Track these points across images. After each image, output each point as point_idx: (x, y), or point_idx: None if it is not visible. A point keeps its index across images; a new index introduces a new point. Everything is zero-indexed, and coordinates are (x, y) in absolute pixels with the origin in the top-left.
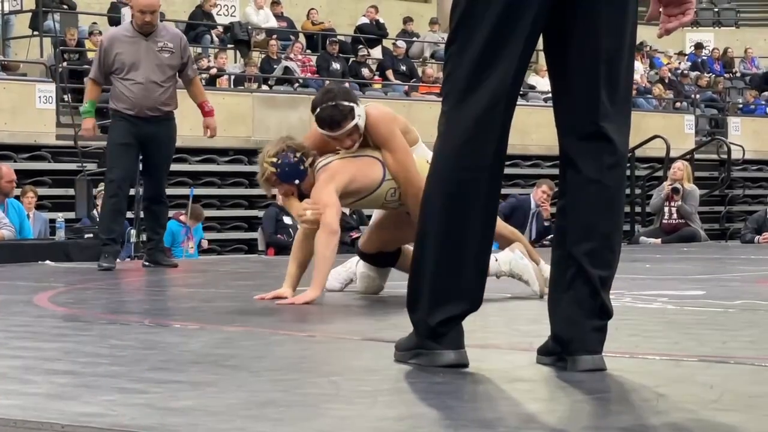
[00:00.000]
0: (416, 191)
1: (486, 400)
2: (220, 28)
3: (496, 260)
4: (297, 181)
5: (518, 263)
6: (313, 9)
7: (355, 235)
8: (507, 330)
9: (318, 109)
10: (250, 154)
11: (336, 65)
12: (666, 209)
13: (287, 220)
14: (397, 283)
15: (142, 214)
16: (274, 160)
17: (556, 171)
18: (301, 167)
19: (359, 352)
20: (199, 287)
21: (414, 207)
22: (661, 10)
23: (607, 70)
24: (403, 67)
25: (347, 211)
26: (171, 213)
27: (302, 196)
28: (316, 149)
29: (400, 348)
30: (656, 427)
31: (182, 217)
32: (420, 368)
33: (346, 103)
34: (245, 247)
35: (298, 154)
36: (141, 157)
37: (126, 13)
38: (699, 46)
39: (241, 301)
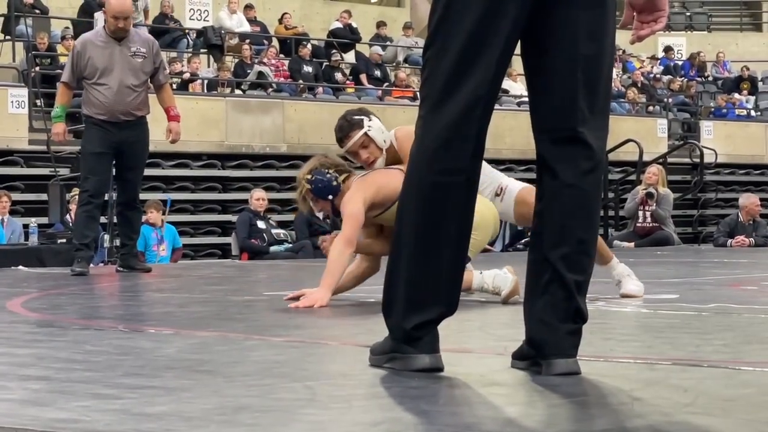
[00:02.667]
0: None
1: (462, 405)
2: (193, 33)
3: (481, 273)
4: (330, 197)
5: (502, 277)
6: (286, 13)
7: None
8: (482, 334)
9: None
10: (224, 158)
11: (308, 69)
12: (640, 213)
13: (261, 224)
14: (372, 287)
15: (115, 219)
16: (309, 177)
17: (529, 175)
18: (334, 183)
19: (334, 357)
20: (173, 292)
21: None
22: (634, 15)
23: (586, 75)
24: (377, 72)
25: (320, 215)
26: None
27: (336, 212)
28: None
29: (375, 352)
30: (633, 429)
31: (152, 215)
32: (395, 373)
33: (356, 117)
34: (219, 252)
35: (331, 171)
36: (114, 162)
37: (99, 18)
38: (668, 49)
39: (215, 305)
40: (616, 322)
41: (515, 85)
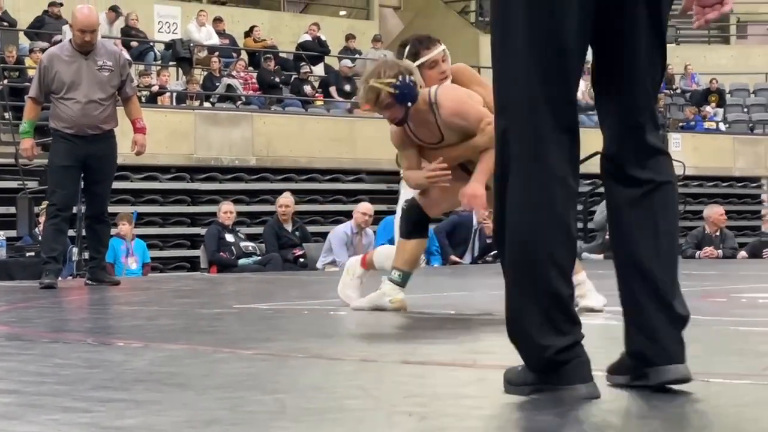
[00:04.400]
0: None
1: (432, 418)
2: (162, 45)
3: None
4: (410, 104)
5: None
6: (255, 26)
7: (297, 252)
8: (451, 346)
9: (409, 42)
10: (193, 171)
11: (276, 79)
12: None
13: (229, 237)
14: (337, 300)
15: (84, 233)
16: (394, 81)
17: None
18: (416, 90)
19: (305, 370)
20: (142, 305)
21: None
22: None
23: (650, 74)
24: (346, 85)
25: (288, 227)
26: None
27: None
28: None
29: (513, 382)
30: None
31: (123, 228)
32: (365, 386)
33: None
34: (188, 265)
35: (413, 78)
36: (82, 175)
37: (67, 30)
38: None
39: (184, 318)
40: (585, 334)
41: None
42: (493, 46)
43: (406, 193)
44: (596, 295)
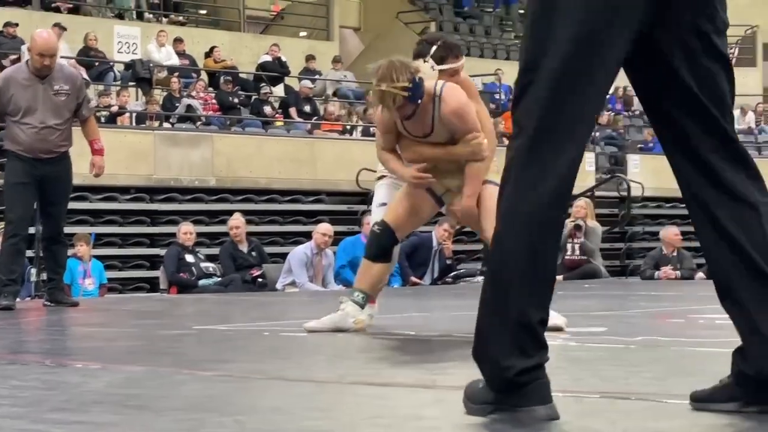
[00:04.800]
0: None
1: None
2: (121, 66)
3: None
4: (419, 101)
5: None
6: (215, 47)
7: (255, 272)
8: (411, 367)
9: (438, 47)
10: (152, 192)
11: (235, 100)
12: (569, 246)
13: (189, 258)
14: (297, 321)
15: (42, 253)
16: (408, 84)
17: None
18: (423, 88)
19: (264, 391)
20: (101, 326)
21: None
22: None
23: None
24: (306, 105)
25: (245, 248)
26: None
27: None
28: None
29: (474, 401)
30: None
31: (81, 249)
32: (324, 408)
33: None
34: (147, 286)
35: (421, 76)
36: (39, 196)
37: (25, 52)
38: None
39: (144, 339)
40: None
41: None
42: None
43: (379, 197)
44: (558, 315)
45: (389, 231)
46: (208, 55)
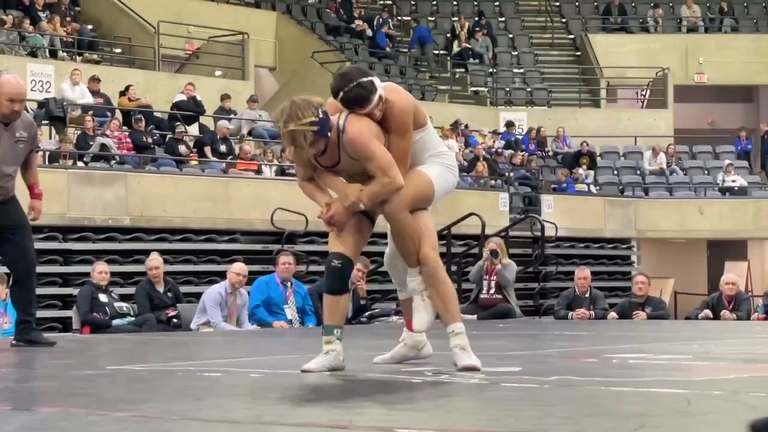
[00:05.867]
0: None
1: None
2: (35, 104)
3: None
4: (329, 134)
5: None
6: (130, 85)
7: (171, 312)
8: (327, 407)
9: (342, 93)
10: (66, 231)
11: (149, 139)
12: (485, 283)
13: (103, 297)
14: (213, 362)
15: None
16: (314, 119)
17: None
18: (330, 121)
19: None
20: (13, 366)
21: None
22: None
23: None
24: (222, 145)
25: (161, 288)
26: None
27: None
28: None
29: None
30: None
31: None
32: None
33: (365, 80)
34: (60, 326)
35: (324, 108)
36: None
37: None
38: (509, 124)
39: (56, 380)
40: (459, 394)
41: None
42: None
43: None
44: (473, 355)
45: (350, 262)
46: (123, 93)
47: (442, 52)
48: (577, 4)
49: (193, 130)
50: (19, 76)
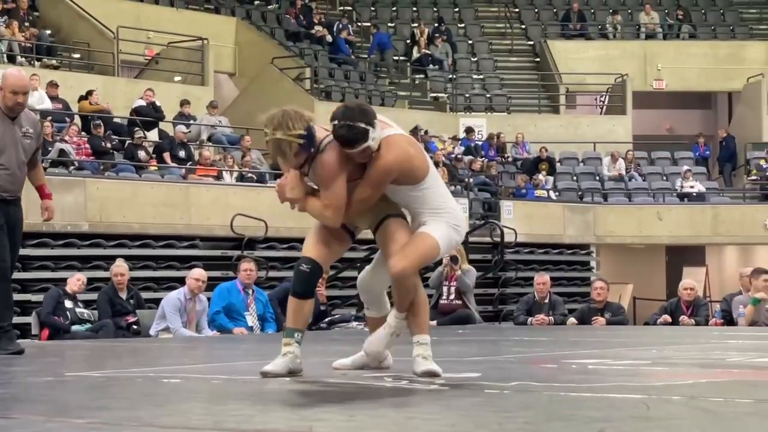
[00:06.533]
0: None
1: None
2: None
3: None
4: (313, 150)
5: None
6: (90, 91)
7: (131, 319)
8: (286, 413)
9: (334, 125)
10: (24, 237)
11: (108, 144)
12: (444, 288)
13: (68, 303)
14: (171, 367)
15: None
16: (303, 132)
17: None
18: (317, 137)
19: None
20: None
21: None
22: None
23: None
24: (181, 150)
25: (123, 295)
26: None
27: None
28: None
29: None
30: None
31: None
32: None
33: (362, 125)
34: (18, 332)
35: (314, 124)
36: None
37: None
38: (469, 130)
39: (15, 387)
40: (419, 400)
41: None
42: None
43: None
44: (433, 361)
45: (319, 268)
46: (83, 98)
47: (401, 58)
48: (536, 10)
49: (153, 135)
50: None
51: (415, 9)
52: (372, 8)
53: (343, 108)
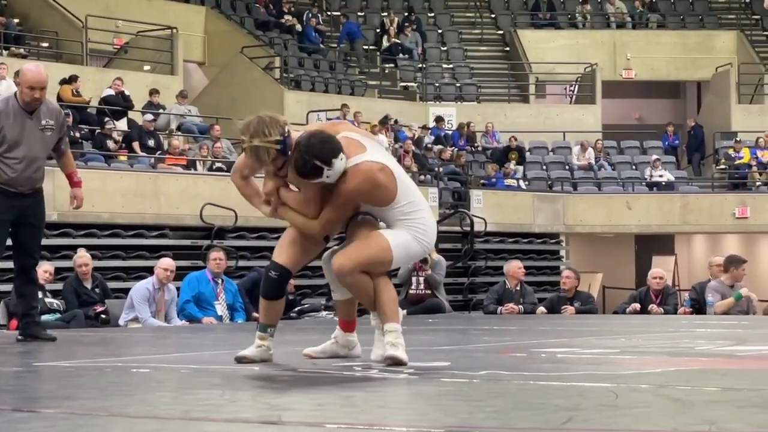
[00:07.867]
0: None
1: None
2: None
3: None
4: (289, 153)
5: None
6: (73, 75)
7: (99, 308)
8: (255, 402)
9: (297, 150)
10: None
11: (76, 134)
12: (413, 279)
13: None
14: (141, 357)
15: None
16: (280, 138)
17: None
18: (292, 141)
19: (107, 428)
20: None
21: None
22: None
23: None
24: (150, 140)
25: (88, 285)
26: None
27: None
28: None
29: None
30: None
31: None
32: None
33: (317, 163)
34: None
35: (289, 128)
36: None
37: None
38: (439, 120)
39: None
40: (389, 389)
41: None
42: None
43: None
44: (402, 349)
45: (287, 274)
46: (66, 82)
47: (371, 47)
48: (506, 0)
49: (122, 125)
50: None
51: None
52: None
53: (308, 137)
